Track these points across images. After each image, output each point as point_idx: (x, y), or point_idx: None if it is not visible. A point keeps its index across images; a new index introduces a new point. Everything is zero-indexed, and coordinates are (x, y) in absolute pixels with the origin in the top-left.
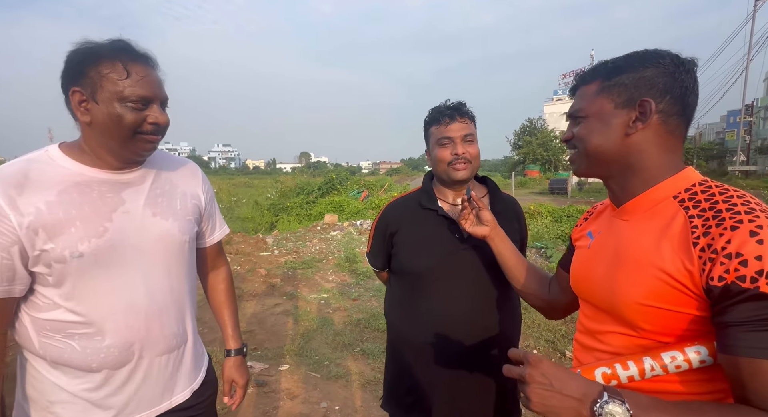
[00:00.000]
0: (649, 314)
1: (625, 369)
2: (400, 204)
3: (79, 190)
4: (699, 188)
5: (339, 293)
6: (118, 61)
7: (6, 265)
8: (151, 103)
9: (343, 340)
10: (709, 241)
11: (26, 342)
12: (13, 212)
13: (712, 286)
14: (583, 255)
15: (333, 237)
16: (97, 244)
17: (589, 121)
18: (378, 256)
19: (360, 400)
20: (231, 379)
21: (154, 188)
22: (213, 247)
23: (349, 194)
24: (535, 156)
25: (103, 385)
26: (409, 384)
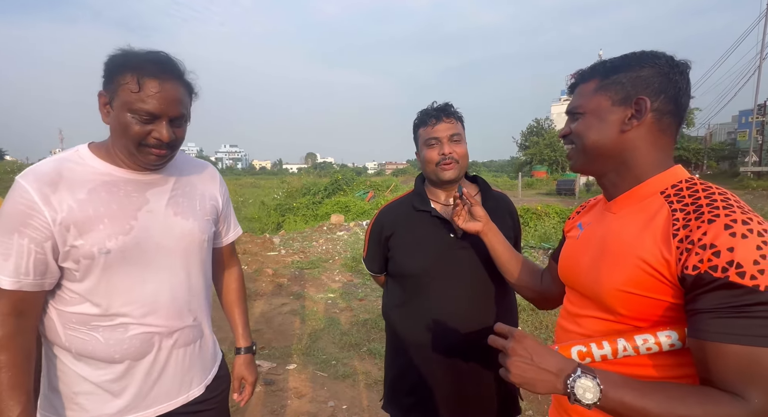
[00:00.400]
0: (627, 300)
1: (600, 348)
2: (394, 207)
3: (107, 189)
4: (685, 185)
5: (345, 293)
6: (135, 74)
7: (39, 260)
8: (159, 119)
9: (350, 340)
10: (687, 233)
11: (52, 335)
12: (47, 209)
13: (687, 275)
14: (572, 245)
15: (339, 237)
16: (123, 242)
17: (587, 118)
18: (375, 260)
19: (367, 399)
20: (241, 376)
21: (175, 189)
22: (227, 248)
23: (355, 195)
24: (542, 156)
25: (124, 375)
26: (409, 385)
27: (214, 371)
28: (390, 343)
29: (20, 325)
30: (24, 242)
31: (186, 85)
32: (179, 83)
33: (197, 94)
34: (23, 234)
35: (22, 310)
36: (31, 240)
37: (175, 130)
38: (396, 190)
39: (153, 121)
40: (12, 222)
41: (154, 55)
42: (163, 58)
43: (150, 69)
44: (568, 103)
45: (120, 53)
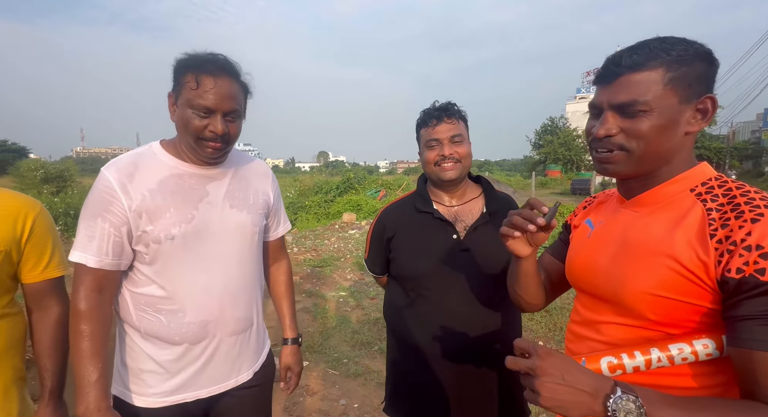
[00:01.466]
0: (657, 304)
1: (632, 359)
2: (396, 208)
3: (174, 181)
4: (716, 183)
5: (357, 292)
6: (194, 73)
7: (117, 242)
8: (214, 113)
9: (362, 339)
10: (728, 233)
11: (125, 314)
12: (125, 197)
13: (728, 278)
14: (582, 244)
15: (351, 236)
16: (186, 229)
17: (653, 117)
18: (377, 261)
19: (378, 398)
20: (287, 366)
21: (232, 183)
22: (276, 242)
23: (366, 193)
24: (557, 155)
25: (182, 357)
26: (410, 388)
27: (262, 359)
28: (391, 345)
29: (101, 299)
30: (105, 226)
31: (240, 83)
32: (233, 81)
33: (252, 94)
34: (105, 218)
35: (102, 287)
36: (111, 224)
37: (228, 125)
38: (407, 188)
39: (209, 116)
40: (96, 207)
41: (211, 57)
42: (220, 59)
43: (207, 68)
44: (608, 95)
45: (183, 57)
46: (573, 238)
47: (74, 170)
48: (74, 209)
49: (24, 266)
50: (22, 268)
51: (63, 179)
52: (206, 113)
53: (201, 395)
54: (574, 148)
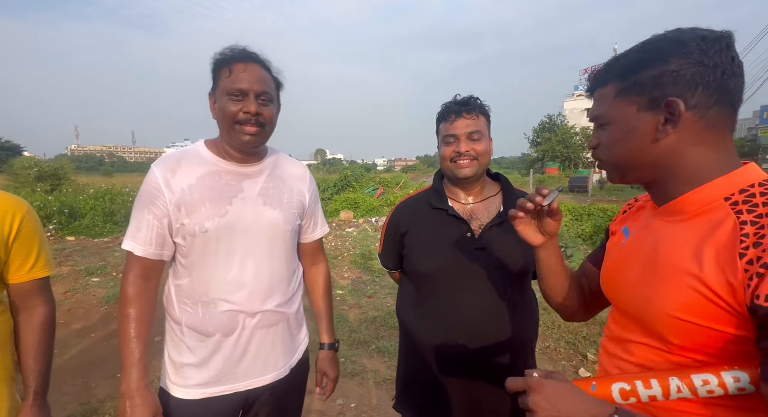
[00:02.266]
0: (680, 328)
1: (647, 388)
2: (410, 204)
3: (212, 177)
4: (758, 190)
5: (354, 290)
6: (228, 65)
7: (159, 233)
8: (247, 95)
9: (359, 338)
10: (760, 254)
11: (171, 309)
12: (167, 191)
13: (758, 306)
14: (616, 253)
15: (348, 234)
16: (219, 223)
17: (612, 129)
18: (390, 257)
19: (375, 398)
20: (323, 371)
21: (267, 181)
22: (313, 244)
23: (364, 191)
24: (555, 153)
25: (217, 349)
26: (422, 385)
27: (298, 355)
28: (403, 342)
29: (146, 286)
30: (150, 217)
31: (271, 73)
32: (262, 67)
33: (283, 85)
34: (150, 211)
35: (147, 274)
36: (154, 216)
37: (261, 108)
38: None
39: (243, 99)
40: (144, 200)
41: (242, 49)
42: (249, 50)
43: (237, 57)
44: (590, 109)
45: (217, 56)
46: (609, 245)
47: (69, 168)
48: (69, 207)
49: (10, 266)
50: (9, 267)
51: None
52: (240, 96)
53: (239, 388)
54: (572, 145)
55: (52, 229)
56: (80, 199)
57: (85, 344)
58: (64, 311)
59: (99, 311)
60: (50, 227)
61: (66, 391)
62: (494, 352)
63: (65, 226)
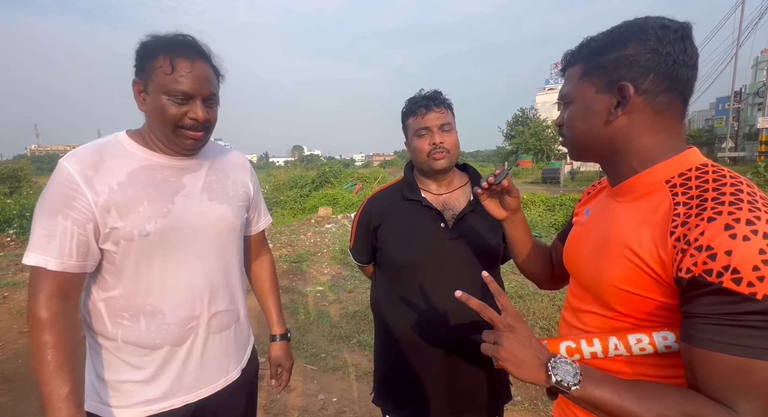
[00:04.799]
0: (623, 297)
1: (590, 345)
2: (382, 196)
3: (145, 173)
4: (694, 173)
5: (334, 286)
6: (167, 56)
7: (81, 241)
8: (193, 98)
9: (340, 333)
10: (685, 232)
11: (99, 325)
12: (89, 191)
13: (680, 278)
14: (576, 232)
15: (327, 230)
16: (162, 225)
17: (574, 107)
18: (362, 250)
19: (357, 391)
20: (278, 362)
21: (209, 174)
22: (258, 236)
23: (342, 187)
24: (528, 146)
25: (166, 361)
26: (400, 378)
27: (248, 355)
28: (379, 335)
29: (64, 306)
30: (67, 223)
31: (213, 66)
32: (208, 64)
33: (224, 77)
34: (67, 215)
35: (66, 292)
36: (74, 222)
37: (208, 111)
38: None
39: (188, 102)
40: (56, 204)
41: (182, 37)
42: (191, 40)
43: (181, 50)
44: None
45: (150, 38)
46: (573, 225)
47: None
48: (30, 211)
49: None
50: None
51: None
52: (184, 99)
53: (189, 399)
54: (544, 138)
55: (12, 234)
56: None
57: None
58: None
59: None
60: (10, 232)
61: (31, 403)
62: (471, 339)
63: (27, 231)
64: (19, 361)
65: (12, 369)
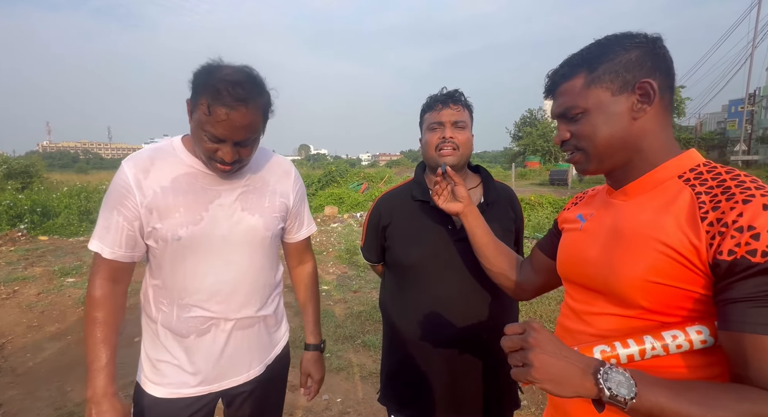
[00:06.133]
0: (650, 291)
1: (625, 347)
2: (393, 196)
3: (188, 179)
4: (704, 168)
5: (340, 285)
6: (207, 99)
7: (130, 236)
8: (224, 142)
9: (345, 333)
10: (719, 215)
11: (147, 307)
12: (138, 192)
13: (720, 261)
14: (574, 237)
15: (333, 229)
16: (193, 231)
17: (591, 116)
18: (372, 249)
19: (362, 392)
20: (308, 372)
21: (247, 185)
22: (299, 244)
23: (349, 186)
24: (536, 147)
25: (193, 351)
26: (407, 377)
27: (277, 351)
28: (386, 335)
29: (114, 289)
30: (120, 219)
31: (257, 107)
32: (249, 109)
33: (273, 112)
34: (120, 212)
35: (116, 277)
36: (124, 218)
37: (240, 150)
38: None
39: (219, 143)
40: (113, 200)
41: (230, 79)
42: (239, 83)
43: (221, 97)
44: (553, 107)
45: (202, 72)
46: (564, 233)
47: (41, 165)
48: (41, 206)
49: None
50: None
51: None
52: (216, 141)
53: (213, 389)
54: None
55: (23, 229)
56: (53, 198)
57: (60, 347)
58: (37, 313)
59: (75, 312)
60: (21, 227)
61: (40, 396)
62: (477, 340)
63: (38, 226)
64: (28, 355)
65: (20, 362)
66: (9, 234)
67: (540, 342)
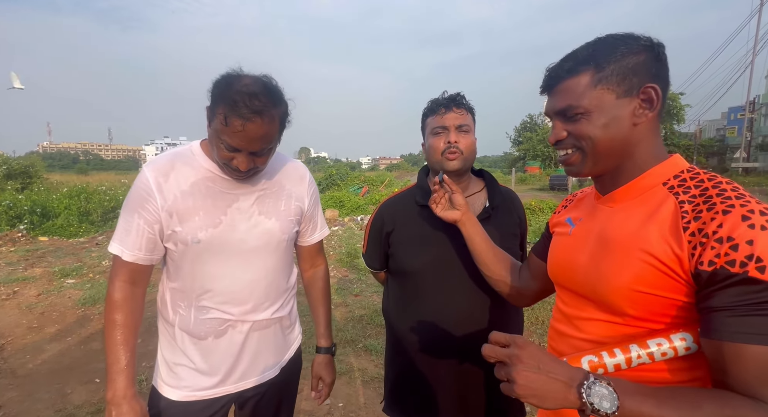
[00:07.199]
0: (636, 300)
1: (612, 357)
2: (396, 202)
3: (206, 184)
4: (688, 175)
5: (341, 289)
6: (225, 110)
7: (150, 239)
8: (239, 151)
9: (346, 336)
10: (700, 226)
11: (165, 311)
12: (159, 196)
13: (701, 271)
14: (563, 241)
15: (334, 232)
16: (212, 234)
17: (593, 117)
18: (375, 256)
19: (363, 397)
20: (318, 375)
21: (264, 189)
22: (312, 247)
23: (349, 190)
24: (536, 152)
25: (209, 353)
26: (412, 386)
27: (290, 354)
28: (390, 342)
29: (134, 291)
30: (141, 222)
31: (273, 118)
32: (264, 120)
33: (290, 122)
34: (141, 215)
35: (135, 279)
36: (145, 221)
37: (255, 159)
38: (390, 185)
39: (235, 152)
40: (134, 203)
41: (247, 90)
42: (255, 94)
43: (238, 108)
44: (551, 103)
45: (222, 82)
46: (554, 236)
47: (41, 166)
48: (41, 207)
49: None
50: None
51: (28, 175)
52: (232, 150)
53: (230, 390)
54: None
55: (23, 229)
56: (53, 198)
57: (60, 349)
58: (37, 315)
59: (75, 314)
60: (21, 227)
61: (40, 398)
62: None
63: (37, 226)
64: (27, 357)
65: (20, 364)
66: (9, 234)
67: (522, 358)
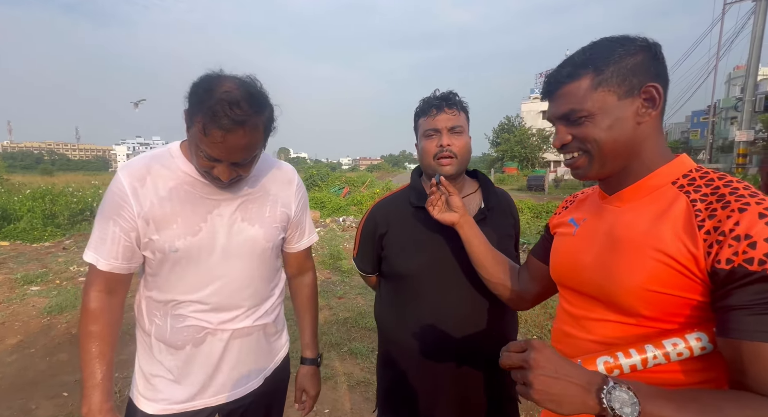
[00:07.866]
0: (650, 300)
1: (628, 358)
2: (389, 203)
3: (185, 189)
4: (697, 174)
5: (324, 291)
6: (203, 119)
7: (127, 247)
8: (220, 162)
9: (330, 340)
10: (716, 224)
11: (141, 320)
12: (135, 202)
13: (718, 269)
14: (568, 242)
15: None
16: (191, 242)
17: (597, 119)
18: (367, 260)
19: (350, 402)
20: (303, 387)
21: (248, 194)
22: (300, 253)
23: (330, 190)
24: (513, 153)
25: (188, 363)
26: (405, 392)
27: (275, 364)
28: (383, 348)
29: (110, 301)
30: (116, 230)
31: (256, 127)
32: (247, 130)
33: (275, 128)
34: (116, 222)
35: (111, 289)
36: (121, 229)
37: (237, 169)
38: (372, 185)
39: (215, 163)
40: (109, 210)
41: (228, 98)
42: (237, 102)
43: (218, 118)
44: (553, 108)
45: (200, 86)
46: (556, 237)
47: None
48: (1, 209)
49: None
50: None
51: None
52: (213, 160)
53: (210, 403)
54: (529, 146)
55: None
56: (15, 200)
57: (23, 361)
58: None
59: (39, 323)
60: None
61: (1, 415)
62: (479, 351)
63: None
64: None
65: None
66: None
67: (539, 362)
